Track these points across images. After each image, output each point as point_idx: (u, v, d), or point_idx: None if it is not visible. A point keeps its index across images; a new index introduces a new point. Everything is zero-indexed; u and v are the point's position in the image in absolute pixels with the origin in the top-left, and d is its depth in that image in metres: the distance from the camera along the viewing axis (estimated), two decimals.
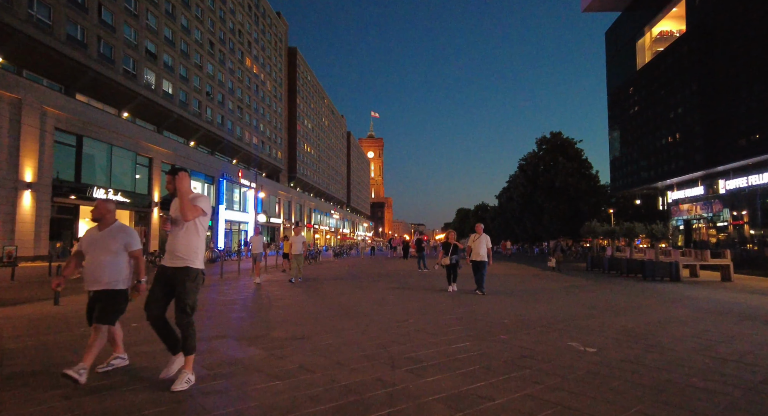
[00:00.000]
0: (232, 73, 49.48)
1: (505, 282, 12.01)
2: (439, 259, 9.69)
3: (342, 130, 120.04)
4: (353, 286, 10.82)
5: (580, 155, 39.69)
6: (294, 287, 10.71)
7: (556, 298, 8.84)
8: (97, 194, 25.18)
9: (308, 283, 11.76)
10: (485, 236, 9.31)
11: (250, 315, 6.67)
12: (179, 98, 38.39)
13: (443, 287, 9.85)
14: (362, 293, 9.36)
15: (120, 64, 30.28)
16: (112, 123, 26.89)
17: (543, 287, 11.00)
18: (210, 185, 39.99)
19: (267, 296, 8.92)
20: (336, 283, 11.82)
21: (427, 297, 8.53)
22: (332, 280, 12.79)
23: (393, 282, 11.75)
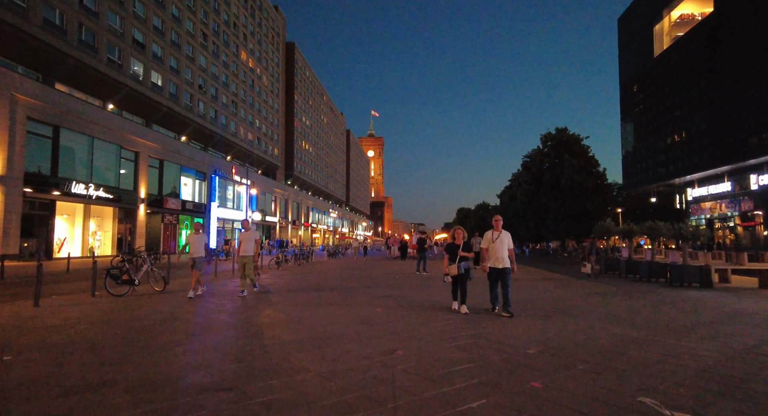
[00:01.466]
0: (226, 66, 47.89)
1: (515, 290, 10.45)
2: (444, 267, 6.99)
3: (341, 128, 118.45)
4: (331, 298, 8.48)
5: (586, 152, 38.01)
6: (247, 302, 8.11)
7: (585, 312, 7.23)
8: (77, 190, 23.64)
9: (274, 294, 9.20)
10: (506, 233, 6.93)
11: (159, 347, 4.67)
12: (169, 91, 36.82)
13: (447, 304, 7.51)
14: (341, 309, 7.25)
15: (104, 53, 28.70)
16: (94, 114, 25.29)
17: (560, 296, 9.43)
18: (201, 182, 38.46)
19: (202, 314, 6.78)
20: (309, 294, 9.20)
21: (426, 316, 6.51)
22: (306, 290, 10.06)
23: (385, 292, 9.74)
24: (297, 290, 9.95)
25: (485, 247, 6.94)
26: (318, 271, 16.28)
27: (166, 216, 32.98)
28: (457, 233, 7.20)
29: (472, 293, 8.27)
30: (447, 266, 6.93)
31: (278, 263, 17.76)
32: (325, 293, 9.45)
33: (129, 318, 6.23)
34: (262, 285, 10.88)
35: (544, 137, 40.03)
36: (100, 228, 27.60)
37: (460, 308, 6.79)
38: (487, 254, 6.91)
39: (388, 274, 14.73)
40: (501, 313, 6.57)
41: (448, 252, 7.09)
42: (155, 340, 4.78)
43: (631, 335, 5.35)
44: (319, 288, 10.35)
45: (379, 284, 11.45)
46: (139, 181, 29.44)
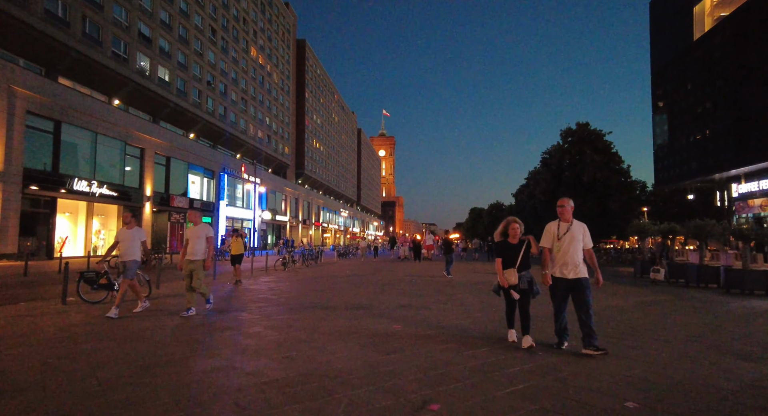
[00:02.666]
0: (235, 62, 47.07)
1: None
2: (499, 275, 4.83)
3: (352, 126, 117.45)
4: (331, 317, 6.24)
5: (609, 148, 36.13)
6: (191, 323, 5.81)
7: (660, 330, 5.73)
8: (79, 187, 22.81)
9: (262, 306, 7.04)
10: (580, 225, 4.66)
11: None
12: (176, 86, 36.04)
13: (498, 333, 5.19)
14: (347, 322, 5.67)
15: (108, 47, 27.92)
16: (97, 109, 24.46)
17: (619, 309, 7.97)
18: (210, 180, 37.64)
19: (124, 332, 5.03)
20: (293, 312, 6.71)
21: (461, 339, 4.78)
22: (287, 307, 7.28)
23: (401, 300, 8.03)
24: (291, 300, 8.62)
25: (547, 245, 4.72)
26: (324, 275, 15.00)
27: (172, 215, 32.17)
28: (512, 228, 4.83)
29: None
30: (502, 274, 4.76)
31: (284, 265, 16.56)
32: (317, 311, 7.29)
33: (83, 335, 5.01)
34: (244, 288, 9.50)
35: (564, 132, 38.25)
36: (104, 227, 26.81)
37: (522, 341, 4.61)
38: (549, 257, 4.72)
39: (402, 279, 13.37)
40: (584, 350, 4.33)
41: (501, 255, 4.83)
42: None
43: (745, 369, 3.91)
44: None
45: (393, 293, 10.11)
46: (144, 178, 28.62)
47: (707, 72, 42.83)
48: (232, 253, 11.42)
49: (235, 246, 11.41)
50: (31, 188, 20.29)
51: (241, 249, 11.36)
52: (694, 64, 45.78)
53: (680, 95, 48.06)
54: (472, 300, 7.94)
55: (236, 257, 11.33)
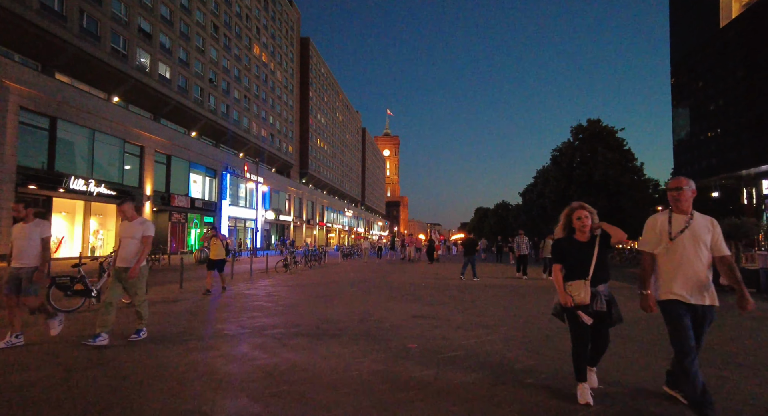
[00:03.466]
0: (238, 60, 46.37)
1: None
2: (559, 293, 3.23)
3: (357, 126, 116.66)
4: (332, 345, 4.61)
5: (622, 145, 35.03)
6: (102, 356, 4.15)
7: (753, 355, 4.58)
8: (75, 185, 22.12)
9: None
10: (705, 220, 3.01)
11: None
12: (178, 84, 35.36)
13: (548, 371, 3.78)
14: (349, 348, 4.40)
15: (107, 42, 27.25)
16: (94, 105, 23.76)
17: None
18: (212, 179, 36.90)
19: None
20: (286, 339, 4.92)
21: (496, 372, 3.67)
22: (281, 324, 5.82)
23: (417, 309, 6.98)
24: (288, 312, 7.69)
25: (651, 249, 3.10)
26: (327, 278, 14.13)
27: (173, 214, 31.46)
28: (580, 217, 3.22)
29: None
30: (563, 289, 3.19)
31: (286, 266, 15.71)
32: (297, 338, 6.07)
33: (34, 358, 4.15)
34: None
35: (575, 129, 37.19)
36: (103, 227, 26.14)
37: (587, 377, 3.19)
38: (653, 267, 3.09)
39: (412, 283, 12.46)
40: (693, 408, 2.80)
41: (561, 259, 3.27)
42: None
43: None
44: (326, 299, 8.14)
45: (404, 295, 9.20)
46: (144, 177, 27.92)
47: (733, 61, 40.48)
48: (210, 257, 9.61)
49: (213, 250, 9.62)
50: (26, 186, 19.60)
51: (222, 254, 9.64)
52: (718, 53, 42.90)
53: (703, 86, 45.51)
54: (496, 311, 7.02)
55: (215, 262, 9.50)
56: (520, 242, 13.93)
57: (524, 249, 13.74)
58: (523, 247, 13.78)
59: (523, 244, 13.84)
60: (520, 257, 13.76)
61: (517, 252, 13.86)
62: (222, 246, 9.71)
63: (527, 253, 13.83)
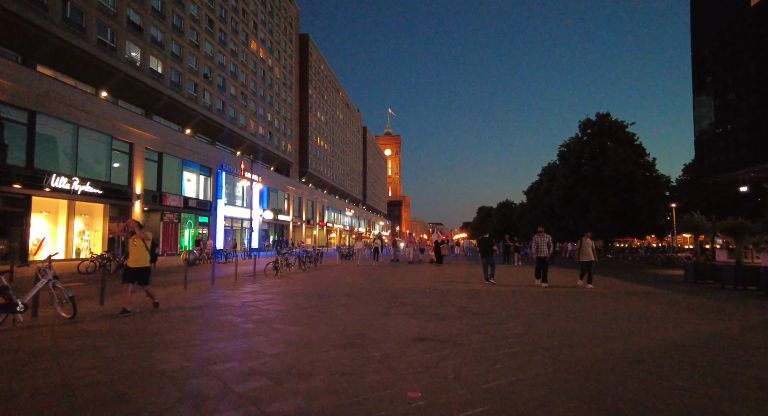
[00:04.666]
0: (234, 55, 45.06)
1: (620, 317, 6.70)
2: None
3: (358, 124, 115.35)
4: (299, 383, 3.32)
5: (632, 140, 33.59)
6: None
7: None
8: (57, 184, 20.85)
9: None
10: None
11: None
12: (170, 79, 34.07)
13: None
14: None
15: (93, 34, 25.97)
16: (78, 100, 22.48)
17: (716, 332, 5.66)
18: (207, 177, 35.62)
19: None
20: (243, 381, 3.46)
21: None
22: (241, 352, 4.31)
23: (421, 342, 4.81)
24: (255, 334, 6.32)
25: None
26: (319, 284, 12.77)
27: (165, 214, 30.18)
28: None
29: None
30: None
31: (277, 269, 14.37)
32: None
33: None
34: None
35: (583, 123, 35.78)
36: (89, 227, 24.87)
37: None
38: None
39: (413, 289, 11.09)
40: None
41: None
42: None
43: None
44: (310, 311, 6.74)
45: (403, 306, 7.82)
46: (134, 175, 26.64)
47: (764, 40, 37.26)
48: (128, 265, 6.96)
49: (133, 253, 6.97)
50: (2, 185, 18.34)
51: (144, 259, 6.98)
52: (748, 33, 39.06)
53: (730, 70, 41.56)
54: (519, 329, 5.66)
55: (134, 272, 6.87)
56: (539, 242, 11.47)
57: (544, 251, 11.41)
58: (543, 248, 11.40)
59: (543, 244, 11.42)
60: (540, 261, 11.46)
61: (534, 254, 11.57)
62: (145, 248, 6.99)
63: (547, 255, 11.47)
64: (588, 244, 11.16)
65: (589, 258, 11.01)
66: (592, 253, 11.06)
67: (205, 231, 35.68)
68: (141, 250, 6.97)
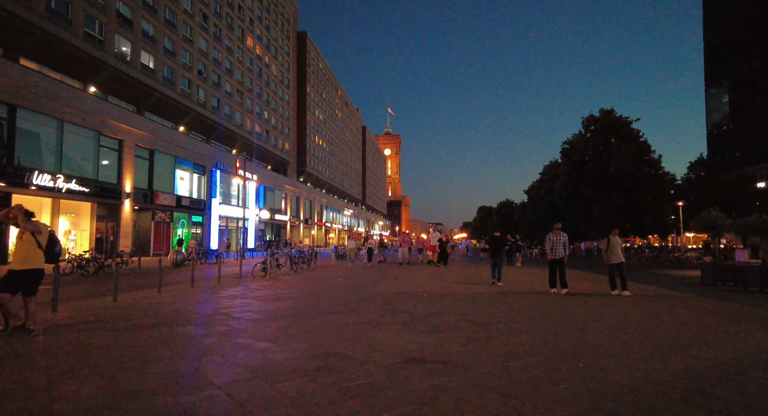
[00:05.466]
0: (230, 52, 44.15)
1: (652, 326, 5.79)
2: None
3: (357, 124, 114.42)
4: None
5: (637, 137, 32.68)
6: None
7: None
8: (40, 181, 19.94)
9: None
10: None
11: None
12: (163, 74, 33.17)
13: None
14: None
15: (80, 27, 25.07)
16: (63, 94, 21.59)
17: (758, 345, 4.76)
18: (201, 176, 34.71)
19: None
20: None
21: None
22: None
23: (412, 364, 3.85)
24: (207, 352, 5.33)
25: None
26: (306, 287, 11.85)
27: (157, 213, 29.27)
28: None
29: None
30: None
31: (265, 270, 13.45)
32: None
33: None
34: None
35: (587, 120, 34.89)
36: (76, 227, 23.98)
37: None
38: None
39: (409, 293, 10.19)
40: None
41: None
42: None
43: None
44: (286, 320, 5.79)
45: (396, 315, 6.89)
46: (123, 173, 25.74)
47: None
48: (10, 267, 5.21)
49: (18, 250, 5.26)
50: None
51: (32, 260, 5.23)
52: (765, 21, 36.13)
53: (744, 60, 38.79)
54: (534, 343, 4.75)
55: (19, 276, 5.10)
56: (555, 242, 9.91)
57: (560, 251, 9.86)
58: (559, 248, 9.87)
59: (559, 244, 9.89)
60: (555, 264, 9.88)
61: (549, 255, 10.03)
62: (36, 245, 5.24)
63: (564, 256, 9.88)
64: (617, 243, 9.89)
65: (620, 259, 9.75)
66: (622, 253, 9.89)
67: (198, 231, 34.80)
68: (29, 247, 5.20)
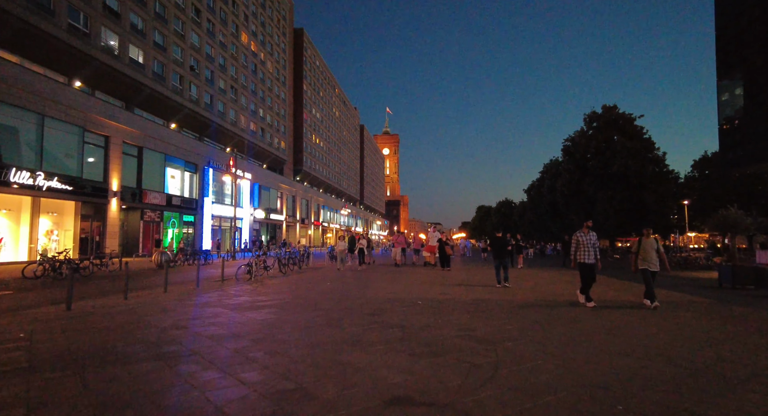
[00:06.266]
0: (223, 47, 43.14)
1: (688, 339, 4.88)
2: None
3: (355, 122, 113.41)
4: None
5: (641, 134, 31.82)
6: None
7: None
8: (18, 178, 18.99)
9: None
10: None
11: None
12: (153, 69, 32.16)
13: None
14: None
15: (63, 18, 24.07)
16: (43, 88, 20.61)
17: None
18: (193, 174, 33.73)
19: None
20: None
21: None
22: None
23: (396, 406, 2.80)
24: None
25: None
26: (288, 293, 10.89)
27: (146, 213, 28.30)
28: None
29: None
30: None
31: (250, 273, 12.49)
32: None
33: None
34: None
35: (589, 116, 33.99)
36: (59, 226, 22.99)
37: None
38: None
39: (401, 301, 9.26)
40: None
41: None
42: None
43: None
44: (255, 336, 4.84)
45: (381, 330, 5.95)
46: (110, 171, 24.78)
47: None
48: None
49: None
50: None
51: None
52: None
53: (759, 50, 36.61)
54: (545, 365, 3.83)
55: None
56: (585, 243, 7.88)
57: (591, 255, 7.85)
58: (589, 251, 7.85)
59: (590, 245, 7.86)
60: (585, 270, 7.80)
61: (579, 258, 7.92)
62: None
63: (595, 262, 7.87)
64: (652, 245, 7.71)
65: (656, 267, 7.65)
66: (657, 258, 7.70)
67: (190, 231, 33.84)
68: None
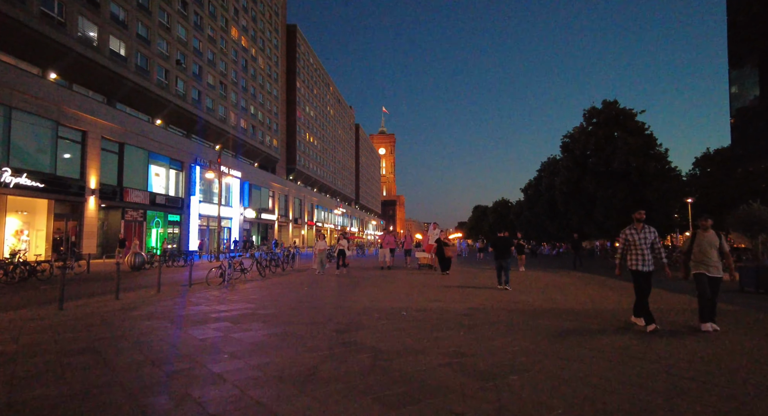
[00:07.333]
0: (212, 42, 41.81)
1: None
2: None
3: (350, 121, 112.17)
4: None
5: (643, 130, 30.77)
6: None
7: None
8: None
9: None
10: None
11: None
12: (135, 63, 30.81)
13: None
14: None
15: (34, 5, 22.72)
16: (11, 78, 19.30)
17: None
18: (179, 172, 32.44)
19: None
20: None
21: None
22: None
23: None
24: None
25: None
26: (257, 302, 9.65)
27: (128, 212, 27.00)
28: None
29: None
30: None
31: (223, 276, 11.26)
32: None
33: None
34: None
35: (588, 112, 32.93)
36: (30, 226, 21.64)
37: None
38: None
39: (386, 312, 8.08)
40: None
41: None
42: None
43: None
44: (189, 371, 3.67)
45: (359, 347, 4.77)
46: (87, 167, 23.50)
47: None
48: None
49: None
50: None
51: None
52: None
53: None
54: (569, 396, 2.67)
55: None
56: (639, 243, 5.74)
57: (647, 260, 5.69)
58: (646, 254, 5.71)
59: (646, 247, 5.73)
60: (640, 279, 5.70)
61: (630, 264, 5.84)
62: None
63: (652, 269, 5.71)
64: (713, 241, 5.67)
65: (718, 272, 5.63)
66: (720, 259, 5.70)
67: (176, 231, 32.54)
68: None
